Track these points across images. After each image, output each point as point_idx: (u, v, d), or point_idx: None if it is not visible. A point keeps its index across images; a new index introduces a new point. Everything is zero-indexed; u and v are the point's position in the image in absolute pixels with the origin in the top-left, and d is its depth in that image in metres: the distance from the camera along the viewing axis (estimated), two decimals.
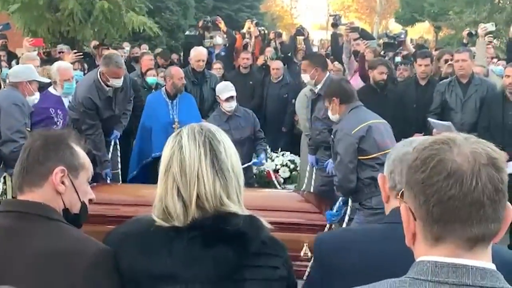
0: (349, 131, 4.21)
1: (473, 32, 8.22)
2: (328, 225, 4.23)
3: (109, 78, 5.50)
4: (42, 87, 6.04)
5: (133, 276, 1.56)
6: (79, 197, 1.78)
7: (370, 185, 4.13)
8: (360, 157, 4.19)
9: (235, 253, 1.53)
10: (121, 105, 5.88)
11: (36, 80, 5.10)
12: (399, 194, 1.24)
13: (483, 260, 1.12)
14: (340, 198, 4.41)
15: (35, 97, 5.05)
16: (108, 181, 5.67)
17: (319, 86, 5.47)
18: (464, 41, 8.40)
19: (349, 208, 4.41)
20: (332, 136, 4.44)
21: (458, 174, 1.09)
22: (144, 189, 4.74)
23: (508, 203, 1.14)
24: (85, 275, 1.55)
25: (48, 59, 7.72)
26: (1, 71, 6.62)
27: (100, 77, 5.54)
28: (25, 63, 6.14)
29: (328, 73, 5.69)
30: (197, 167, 1.56)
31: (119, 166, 6.22)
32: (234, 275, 1.54)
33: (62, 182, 1.72)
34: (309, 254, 4.01)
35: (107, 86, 5.56)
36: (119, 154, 6.20)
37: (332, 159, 4.54)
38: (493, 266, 1.13)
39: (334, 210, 4.39)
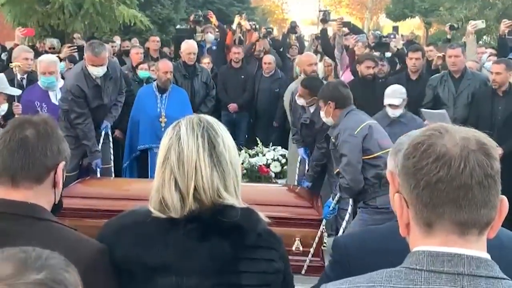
0: (352, 132, 4.20)
1: (455, 26, 8.23)
2: (323, 222, 4.21)
3: (88, 65, 5.43)
4: (32, 80, 6.00)
5: (128, 267, 1.55)
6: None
7: (374, 185, 4.13)
8: (363, 157, 4.18)
9: (231, 245, 1.53)
10: (110, 95, 5.76)
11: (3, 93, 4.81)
12: None
13: (477, 250, 1.12)
14: (337, 195, 4.40)
15: (2, 109, 4.79)
16: (98, 173, 5.61)
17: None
18: (448, 36, 8.41)
19: (349, 207, 4.40)
20: (333, 140, 4.37)
21: (446, 157, 1.10)
22: (133, 184, 4.69)
23: (503, 196, 1.14)
24: (82, 277, 1.51)
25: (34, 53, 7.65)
26: None
27: (86, 64, 5.50)
28: (20, 55, 6.09)
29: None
30: (195, 159, 1.55)
31: (112, 159, 6.11)
32: (230, 268, 1.54)
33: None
34: (301, 248, 4.02)
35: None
36: (111, 147, 6.08)
37: (335, 163, 4.46)
38: (487, 256, 1.13)
39: (331, 207, 4.39)
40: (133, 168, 6.43)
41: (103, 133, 5.89)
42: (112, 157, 6.08)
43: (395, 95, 5.45)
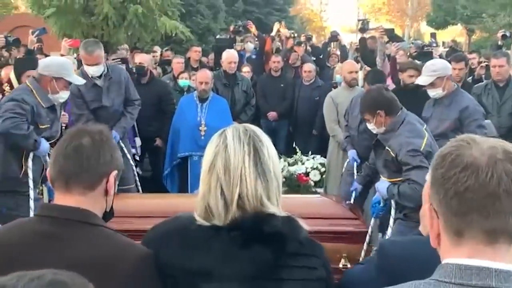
0: (418, 148, 3.84)
1: (508, 34, 8.06)
2: (369, 231, 3.86)
3: (83, 63, 5.26)
4: None
5: (171, 272, 1.58)
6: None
7: None
8: None
9: (273, 253, 1.54)
10: (114, 98, 5.47)
11: (64, 79, 4.46)
12: None
13: (506, 261, 1.13)
14: (382, 194, 4.07)
15: (60, 96, 4.47)
16: None
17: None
18: (499, 43, 8.24)
19: (393, 210, 4.05)
20: (390, 150, 4.00)
21: (474, 167, 1.12)
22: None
23: None
24: (127, 282, 1.55)
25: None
26: None
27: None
28: None
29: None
30: (241, 167, 1.57)
31: (136, 179, 5.69)
32: (271, 275, 1.55)
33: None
34: (348, 265, 3.50)
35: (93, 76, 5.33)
36: (133, 167, 5.72)
37: (388, 173, 4.09)
38: None
39: (381, 202, 4.06)
40: (174, 175, 6.52)
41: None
42: (135, 175, 5.70)
43: (423, 73, 5.01)
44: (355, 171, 5.39)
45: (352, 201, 4.69)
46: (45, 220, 1.66)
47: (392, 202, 4.06)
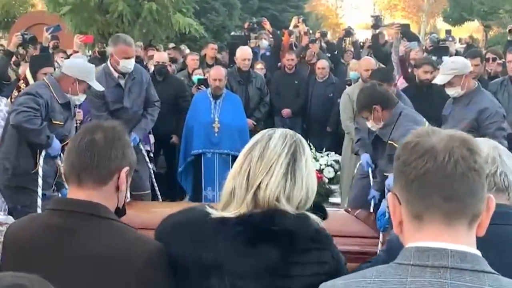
0: None
1: None
2: (381, 237, 3.52)
3: (119, 59, 5.06)
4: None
5: (183, 263, 1.61)
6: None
7: None
8: None
9: (281, 251, 1.55)
10: (134, 99, 5.30)
11: (86, 82, 4.54)
12: None
13: (465, 244, 1.18)
14: (384, 203, 3.95)
15: (78, 98, 4.55)
16: None
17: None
18: (509, 38, 8.12)
19: None
20: (391, 142, 4.00)
21: (433, 151, 1.19)
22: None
23: (490, 195, 1.23)
24: (140, 275, 1.57)
25: (102, 58, 7.89)
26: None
27: (110, 62, 5.19)
28: None
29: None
30: (275, 161, 1.62)
31: (154, 183, 5.50)
32: (280, 272, 1.56)
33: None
34: None
35: (118, 72, 5.17)
36: (150, 169, 5.54)
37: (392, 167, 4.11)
38: (476, 251, 1.19)
39: (386, 216, 3.68)
40: (188, 172, 6.54)
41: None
42: (152, 180, 5.50)
43: (441, 72, 4.88)
44: (370, 177, 4.93)
45: (371, 209, 4.37)
46: (57, 214, 1.69)
47: None
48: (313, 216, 1.64)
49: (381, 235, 3.60)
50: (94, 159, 1.68)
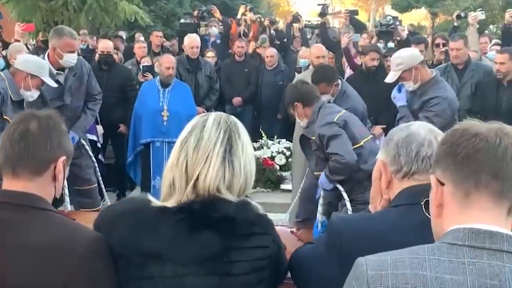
0: (331, 120, 4.08)
1: (463, 15, 8.15)
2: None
3: (63, 53, 4.70)
4: None
5: (124, 252, 1.59)
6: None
7: (369, 178, 3.85)
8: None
9: (222, 237, 1.56)
10: (75, 96, 4.99)
11: (41, 79, 4.42)
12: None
13: (506, 229, 1.20)
14: (322, 216, 4.16)
15: (31, 94, 4.41)
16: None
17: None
18: (455, 23, 8.34)
19: (349, 204, 4.05)
20: (314, 139, 4.17)
21: (483, 135, 1.22)
22: None
23: None
24: (80, 264, 1.55)
25: (45, 48, 7.64)
26: None
27: (49, 58, 4.78)
28: (11, 54, 6.09)
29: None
30: (211, 149, 1.61)
31: (98, 176, 5.21)
32: (222, 258, 1.56)
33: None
34: None
35: (57, 67, 4.80)
36: (95, 162, 5.23)
37: (320, 164, 4.25)
38: None
39: (320, 227, 4.08)
40: (137, 162, 6.47)
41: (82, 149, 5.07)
42: (96, 174, 5.19)
43: (391, 68, 4.79)
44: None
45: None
46: None
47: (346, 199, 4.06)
48: (253, 202, 1.65)
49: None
50: (29, 149, 1.64)
